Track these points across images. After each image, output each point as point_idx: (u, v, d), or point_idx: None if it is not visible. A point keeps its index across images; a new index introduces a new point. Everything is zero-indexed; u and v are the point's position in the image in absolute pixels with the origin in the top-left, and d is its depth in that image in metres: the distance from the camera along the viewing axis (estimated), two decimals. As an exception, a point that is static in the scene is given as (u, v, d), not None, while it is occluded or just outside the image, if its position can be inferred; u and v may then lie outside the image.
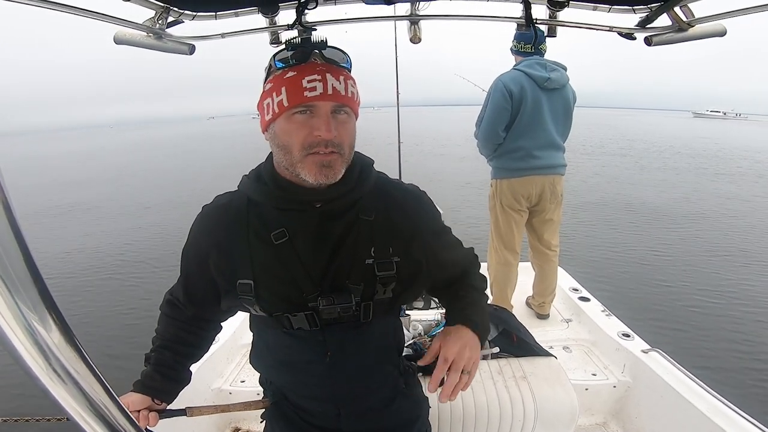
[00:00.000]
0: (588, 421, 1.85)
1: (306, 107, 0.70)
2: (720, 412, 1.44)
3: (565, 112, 2.25)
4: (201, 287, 0.87)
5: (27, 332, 0.27)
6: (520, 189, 2.29)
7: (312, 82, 0.69)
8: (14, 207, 0.25)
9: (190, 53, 1.12)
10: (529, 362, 1.40)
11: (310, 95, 0.69)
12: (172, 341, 0.94)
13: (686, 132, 33.75)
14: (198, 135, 47.44)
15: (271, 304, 0.80)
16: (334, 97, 0.70)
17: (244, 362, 2.06)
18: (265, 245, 0.78)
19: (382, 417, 0.91)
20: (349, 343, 0.83)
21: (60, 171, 18.30)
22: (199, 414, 0.97)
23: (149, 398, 0.88)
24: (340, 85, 0.70)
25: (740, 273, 4.94)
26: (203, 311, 0.93)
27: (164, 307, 0.96)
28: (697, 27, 0.98)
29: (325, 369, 0.83)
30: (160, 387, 0.90)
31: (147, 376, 0.90)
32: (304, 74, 0.69)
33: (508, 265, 2.43)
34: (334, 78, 0.70)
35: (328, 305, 0.77)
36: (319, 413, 0.89)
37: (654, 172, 12.75)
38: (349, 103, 0.73)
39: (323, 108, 0.70)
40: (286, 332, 0.83)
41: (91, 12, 0.83)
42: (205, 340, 0.99)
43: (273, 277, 0.79)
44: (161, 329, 0.95)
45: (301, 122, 0.70)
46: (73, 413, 0.30)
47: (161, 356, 0.92)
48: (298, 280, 0.78)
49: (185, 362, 0.96)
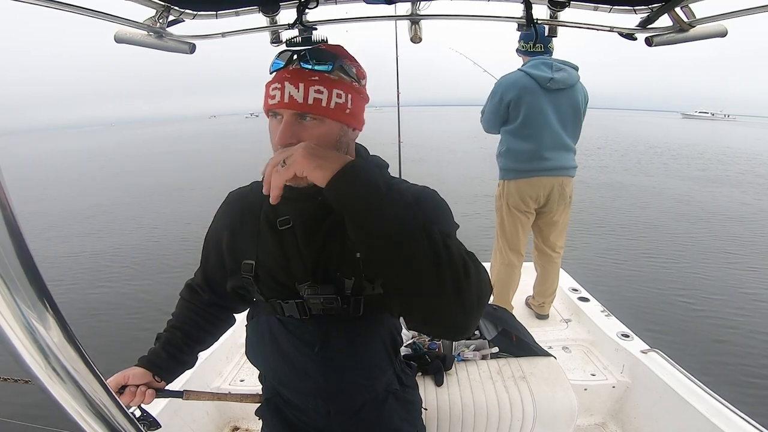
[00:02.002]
0: (587, 422, 1.86)
1: (275, 113, 0.73)
2: (719, 412, 1.44)
3: (573, 113, 2.21)
4: (217, 269, 0.93)
5: (26, 331, 0.27)
6: (528, 190, 2.26)
7: (274, 90, 0.72)
8: (13, 205, 0.25)
9: (190, 52, 1.13)
10: (529, 362, 1.40)
11: (271, 102, 0.72)
12: (185, 323, 0.98)
13: (678, 132, 33.84)
14: (200, 133, 47.44)
15: (266, 287, 0.84)
16: (290, 106, 0.71)
17: (243, 361, 2.06)
18: (271, 230, 0.83)
19: (373, 418, 0.91)
20: (339, 336, 0.84)
21: (60, 171, 18.29)
22: (195, 398, 1.03)
23: (150, 375, 0.91)
24: (298, 93, 0.70)
25: (740, 274, 4.94)
26: (218, 296, 0.97)
27: (183, 291, 1.02)
28: (698, 27, 0.98)
29: (315, 361, 0.84)
30: (163, 365, 0.93)
31: (153, 353, 0.94)
32: (272, 82, 0.73)
33: (512, 266, 2.42)
34: (293, 86, 0.70)
35: (312, 294, 0.80)
36: (310, 410, 0.90)
37: (652, 171, 12.77)
38: (309, 111, 0.71)
39: (285, 114, 0.72)
40: (279, 320, 0.86)
41: (92, 11, 0.83)
42: (217, 327, 1.03)
43: (272, 260, 0.83)
44: (177, 311, 1.01)
45: (275, 126, 0.74)
46: (72, 412, 0.30)
47: (171, 336, 0.96)
48: (292, 267, 0.81)
49: (193, 345, 0.99)
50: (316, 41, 1.10)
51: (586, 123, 2.31)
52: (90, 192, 11.76)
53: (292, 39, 1.10)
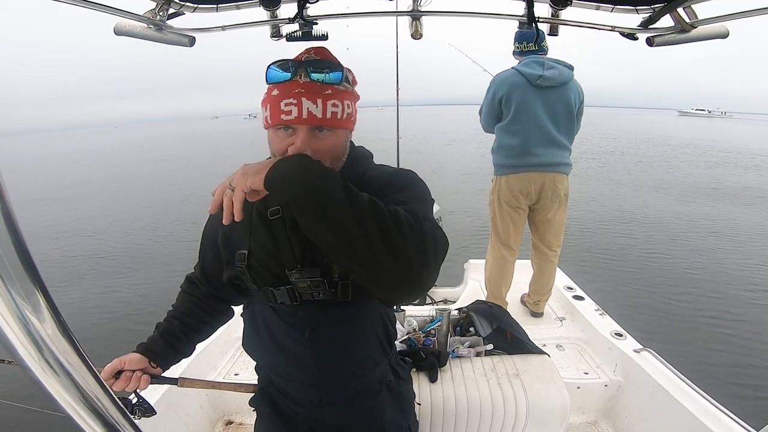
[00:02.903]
0: (579, 420, 1.87)
1: (286, 126, 0.73)
2: (708, 412, 1.46)
3: (566, 111, 2.23)
4: (213, 262, 0.95)
5: (20, 322, 0.27)
6: (518, 185, 2.30)
7: (288, 106, 0.71)
8: (9, 198, 0.25)
9: (190, 45, 1.12)
10: (523, 360, 1.41)
11: (285, 118, 0.72)
12: (184, 313, 1.00)
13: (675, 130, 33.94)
14: (203, 133, 47.09)
15: (259, 276, 0.86)
16: (309, 121, 0.71)
17: (237, 355, 2.07)
18: (262, 220, 0.85)
19: (365, 408, 0.92)
20: (328, 322, 0.85)
21: (61, 171, 18.12)
22: (190, 386, 1.05)
23: (147, 361, 0.93)
24: (317, 108, 0.71)
25: (735, 274, 4.98)
26: (216, 288, 0.99)
27: (184, 283, 1.04)
28: (699, 28, 0.98)
29: (306, 347, 0.86)
30: (160, 352, 0.95)
31: (151, 340, 0.97)
32: (283, 96, 0.72)
33: (503, 260, 2.47)
34: (311, 102, 0.71)
35: (299, 278, 0.82)
36: (303, 400, 0.91)
37: (649, 170, 12.80)
38: (327, 124, 0.73)
39: (300, 128, 0.72)
40: (272, 307, 0.87)
41: (92, 3, 0.82)
42: (215, 318, 1.05)
43: (264, 249, 0.85)
44: (177, 302, 1.03)
45: (282, 137, 0.74)
46: (65, 405, 0.30)
47: (170, 324, 0.98)
48: (282, 254, 0.83)
49: (191, 335, 1.00)
50: (316, 36, 1.09)
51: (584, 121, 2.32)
52: (90, 193, 11.68)
53: (293, 33, 1.09)
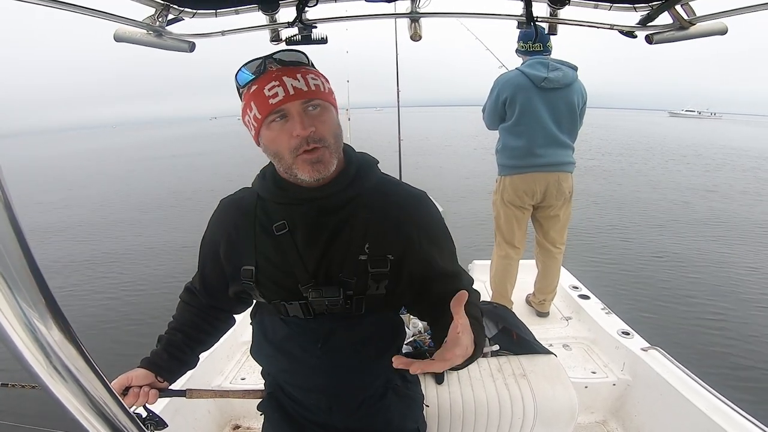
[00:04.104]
0: (587, 419, 1.86)
1: (277, 113, 0.73)
2: (719, 410, 1.44)
3: (569, 111, 2.25)
4: (215, 276, 0.93)
5: (27, 330, 0.27)
6: (522, 186, 2.31)
7: (272, 89, 0.72)
8: (15, 205, 0.25)
9: (190, 51, 1.12)
10: (529, 360, 1.40)
11: (273, 102, 0.72)
12: (186, 325, 0.99)
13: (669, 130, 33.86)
14: (201, 135, 47.32)
15: (269, 291, 0.85)
16: (296, 96, 0.72)
17: (244, 360, 2.06)
18: (267, 236, 0.83)
19: (373, 414, 0.91)
20: (341, 334, 0.85)
21: (61, 172, 18.26)
22: (198, 396, 1.03)
23: (153, 375, 0.92)
24: (299, 83, 0.72)
25: (742, 272, 4.94)
26: (217, 300, 0.98)
27: (183, 294, 1.03)
28: (698, 25, 0.97)
29: (318, 358, 0.85)
30: (165, 365, 0.94)
31: (155, 354, 0.95)
32: (264, 83, 0.72)
33: (508, 258, 2.47)
34: (291, 78, 0.72)
35: (317, 297, 0.81)
36: (312, 406, 0.91)
37: (647, 170, 12.75)
38: (314, 96, 0.74)
39: (292, 109, 0.72)
40: (282, 319, 0.87)
41: (91, 10, 0.82)
42: (217, 328, 1.04)
43: (272, 265, 0.83)
44: (177, 314, 1.02)
45: (280, 128, 0.74)
46: (74, 411, 0.30)
47: (172, 337, 0.97)
48: (294, 270, 0.82)
49: (194, 346, 1.00)
50: (315, 39, 1.09)
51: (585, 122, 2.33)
52: (91, 194, 11.74)
53: (292, 37, 1.10)
